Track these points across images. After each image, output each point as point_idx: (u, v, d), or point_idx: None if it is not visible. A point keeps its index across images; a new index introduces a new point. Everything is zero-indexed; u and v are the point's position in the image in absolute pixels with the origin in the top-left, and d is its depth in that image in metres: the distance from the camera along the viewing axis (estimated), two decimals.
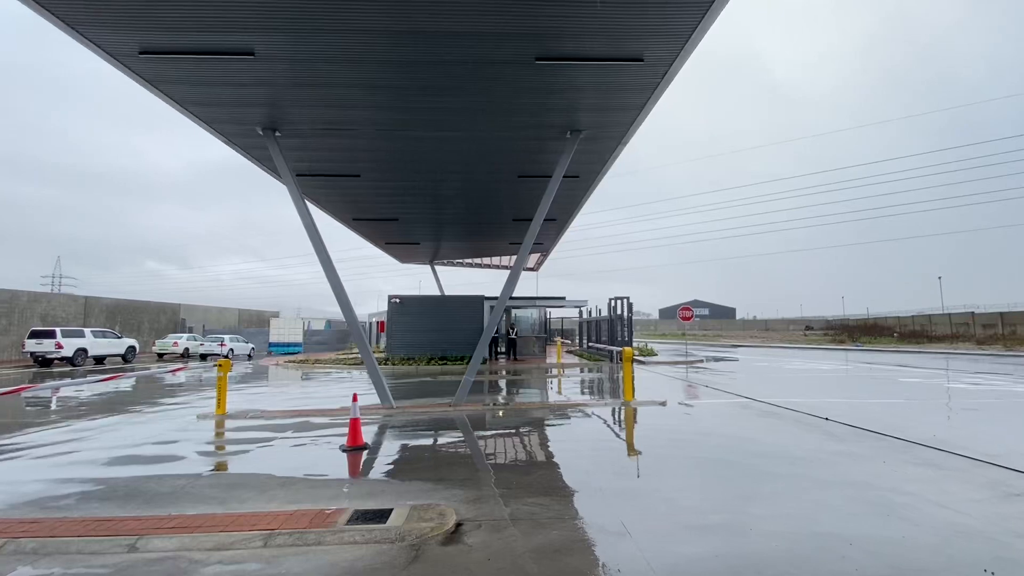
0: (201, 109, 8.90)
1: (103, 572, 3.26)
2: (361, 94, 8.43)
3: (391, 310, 21.51)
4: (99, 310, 28.18)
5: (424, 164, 11.88)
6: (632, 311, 19.74)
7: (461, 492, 4.80)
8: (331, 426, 8.19)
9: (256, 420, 8.73)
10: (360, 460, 6.18)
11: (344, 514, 4.05)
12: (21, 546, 3.60)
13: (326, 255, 10.04)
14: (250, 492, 4.80)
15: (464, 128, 9.80)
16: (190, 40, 6.78)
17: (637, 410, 9.50)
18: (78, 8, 6.11)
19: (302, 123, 9.50)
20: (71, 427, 8.35)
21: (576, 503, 4.56)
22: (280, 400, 11.56)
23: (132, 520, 4.01)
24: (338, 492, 4.85)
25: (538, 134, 10.06)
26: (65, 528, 3.86)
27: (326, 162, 11.63)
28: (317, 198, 14.55)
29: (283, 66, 7.50)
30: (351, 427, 6.66)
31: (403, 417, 8.98)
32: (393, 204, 15.63)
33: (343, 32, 6.65)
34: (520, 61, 7.38)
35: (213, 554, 3.47)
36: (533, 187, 13.34)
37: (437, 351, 20.76)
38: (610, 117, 9.32)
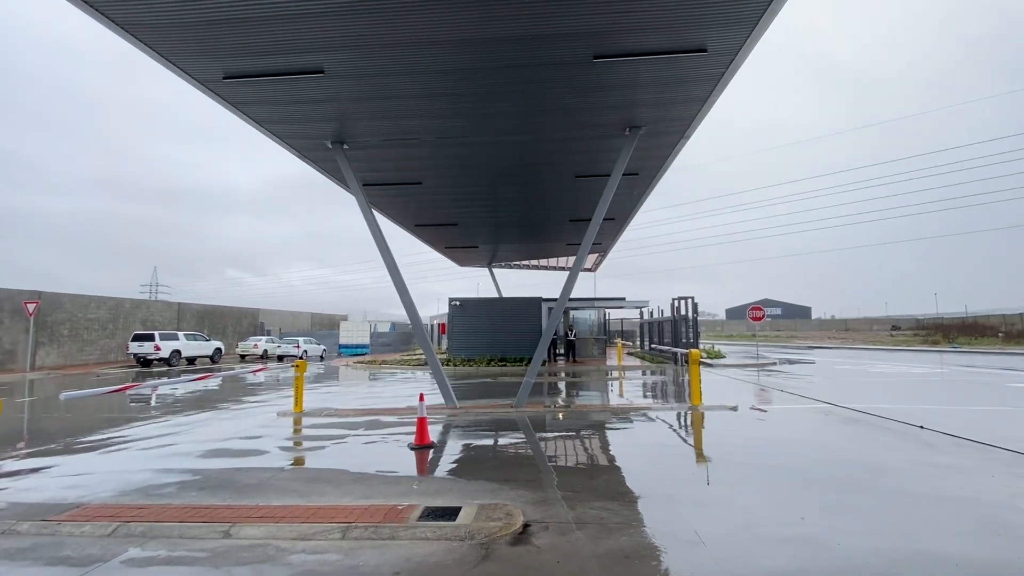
0: (277, 127, 9.54)
1: (202, 556, 3.56)
2: (421, 104, 8.69)
3: (451, 312, 21.98)
4: (190, 315, 30.82)
5: (482, 169, 12.07)
6: (697, 311, 19.01)
7: (526, 493, 4.81)
8: (399, 424, 8.49)
9: (330, 418, 9.21)
10: (427, 458, 6.36)
11: (415, 510, 4.17)
12: (131, 530, 4.00)
13: (392, 260, 10.43)
14: (327, 486, 5.07)
15: (520, 131, 9.86)
16: (267, 63, 7.28)
17: (705, 415, 9.12)
18: (172, 41, 6.72)
19: (367, 135, 9.94)
20: (169, 422, 9.18)
21: (644, 509, 4.44)
22: (351, 399, 12.12)
23: (225, 508, 4.35)
24: (408, 489, 5.01)
25: (595, 133, 9.94)
26: (168, 514, 4.25)
27: (390, 171, 12.09)
28: (382, 206, 15.15)
29: (349, 82, 7.88)
30: (418, 426, 6.87)
31: (466, 417, 9.14)
32: (453, 209, 15.99)
33: (404, 45, 6.88)
34: (577, 61, 7.33)
35: (297, 543, 3.69)
36: (591, 187, 13.19)
37: (496, 352, 20.98)
38: (671, 111, 9.04)
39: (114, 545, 3.76)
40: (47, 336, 22.31)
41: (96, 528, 4.00)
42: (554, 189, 13.90)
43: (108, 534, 3.93)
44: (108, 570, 3.36)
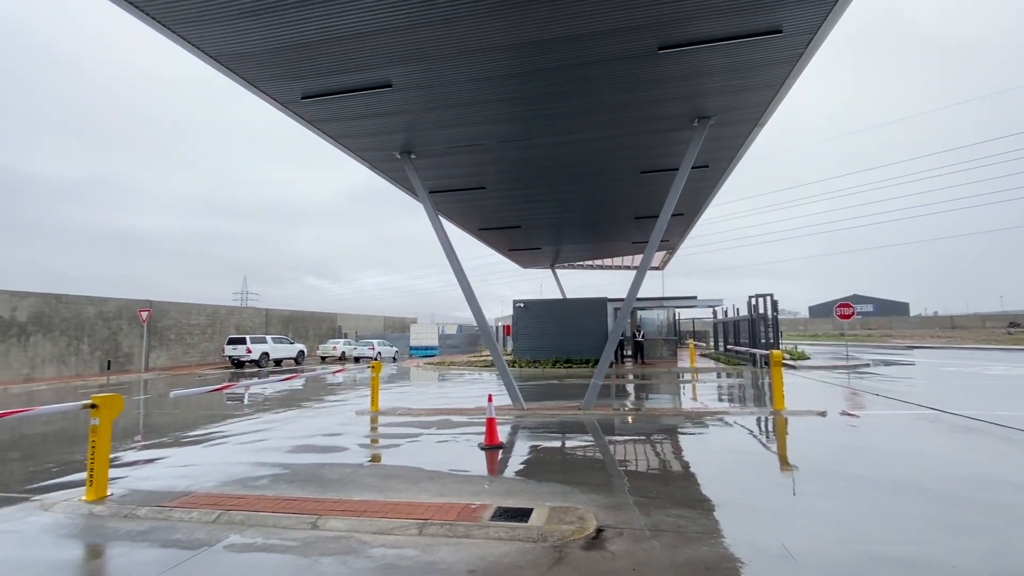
0: (350, 141, 10.08)
1: (293, 544, 3.81)
2: (483, 110, 8.84)
3: (516, 314, 22.14)
4: (276, 320, 33.27)
5: (544, 170, 12.07)
6: (777, 309, 17.86)
7: (598, 497, 4.73)
8: (469, 424, 8.65)
9: (404, 417, 9.57)
10: (497, 458, 6.43)
11: (488, 510, 4.23)
12: (232, 518, 4.36)
13: (458, 264, 10.68)
14: (404, 483, 5.26)
15: (583, 130, 9.75)
16: (340, 81, 7.72)
17: (789, 420, 8.54)
18: (256, 68, 7.30)
19: (432, 144, 10.25)
20: (260, 419, 9.94)
21: (724, 518, 4.22)
22: (422, 399, 12.53)
23: (312, 501, 4.63)
24: (480, 488, 5.08)
25: (662, 126, 9.62)
26: (263, 504, 4.59)
27: (455, 177, 12.39)
28: (448, 211, 15.56)
29: (415, 93, 8.16)
30: (488, 426, 6.97)
31: (533, 419, 9.15)
32: (515, 211, 16.11)
33: (465, 53, 7.03)
34: (641, 54, 7.14)
35: (377, 537, 3.86)
36: (657, 182, 12.79)
37: (561, 354, 20.86)
38: (743, 99, 8.57)
39: (217, 531, 4.12)
40: (157, 340, 24.95)
41: (202, 515, 4.40)
42: (618, 186, 13.62)
43: (212, 521, 4.31)
44: (213, 554, 3.68)
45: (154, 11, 6.02)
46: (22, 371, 19.36)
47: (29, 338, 19.65)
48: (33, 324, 19.82)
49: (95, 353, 22.06)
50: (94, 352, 22.02)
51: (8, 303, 19.10)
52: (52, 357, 20.41)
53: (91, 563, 3.70)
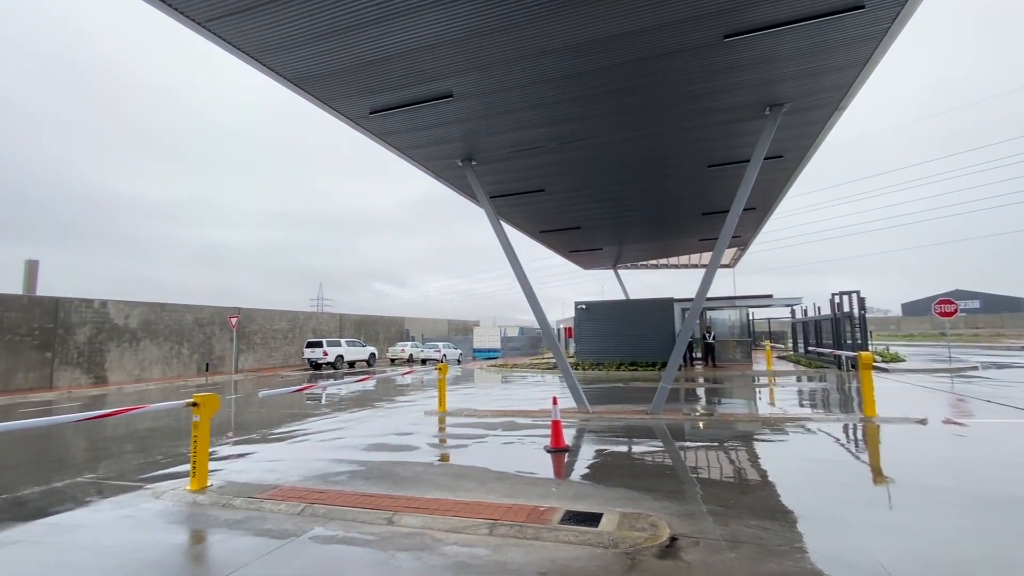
0: (415, 151, 10.46)
1: (371, 539, 3.99)
2: (541, 113, 8.85)
3: (578, 316, 21.93)
4: (349, 324, 35.07)
5: (605, 169, 11.89)
6: (864, 307, 16.48)
7: (670, 505, 4.58)
8: (533, 426, 8.67)
9: (470, 418, 9.75)
10: (563, 461, 6.39)
11: (556, 513, 4.22)
12: (315, 511, 4.64)
13: (519, 267, 10.76)
14: (472, 483, 5.36)
15: (644, 126, 9.51)
16: (404, 94, 8.03)
17: (882, 428, 7.84)
18: (328, 87, 7.76)
19: (492, 149, 10.41)
20: (336, 418, 10.50)
21: (810, 531, 3.94)
22: (487, 400, 12.71)
23: (387, 498, 4.83)
24: (547, 491, 5.08)
25: (729, 117, 9.19)
26: (343, 499, 4.85)
27: (514, 181, 12.50)
28: (508, 215, 15.73)
29: (474, 101, 8.33)
30: (553, 429, 6.95)
31: (599, 422, 9.01)
32: (576, 212, 15.98)
33: (523, 58, 7.08)
34: (705, 44, 6.87)
35: (450, 535, 3.96)
36: (726, 176, 12.23)
37: (626, 356, 20.40)
38: (821, 82, 8.01)
39: (303, 523, 4.40)
40: (245, 344, 27.07)
41: (289, 507, 4.72)
42: (684, 182, 13.15)
43: (298, 513, 4.61)
44: (300, 544, 3.94)
45: (241, 43, 6.57)
46: (133, 372, 21.69)
47: (139, 343, 21.99)
48: (142, 330, 22.17)
49: (193, 356, 24.30)
50: (192, 355, 24.27)
51: (122, 312, 21.49)
52: (158, 360, 22.71)
53: (196, 547, 4.07)
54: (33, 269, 23.62)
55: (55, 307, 19.19)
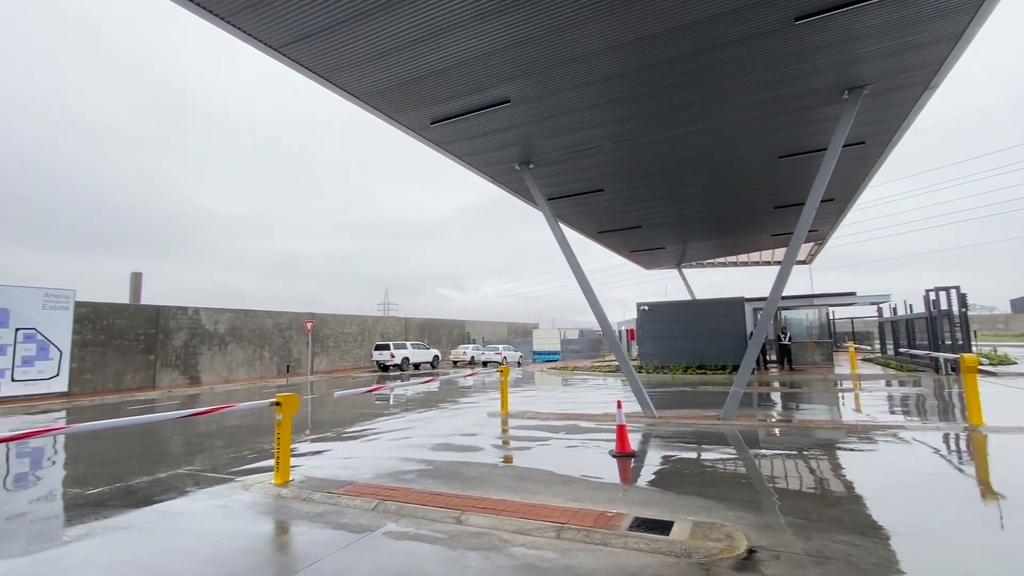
0: (474, 158, 10.66)
1: (441, 536, 4.09)
2: (598, 113, 8.74)
3: (640, 317, 21.38)
4: (414, 327, 36.26)
5: (666, 166, 11.54)
6: (966, 304, 14.89)
7: (746, 515, 4.35)
8: (597, 430, 8.55)
9: (532, 420, 9.77)
10: (630, 467, 6.25)
11: (624, 519, 4.13)
12: (387, 507, 4.82)
13: (579, 268, 10.66)
14: (538, 486, 5.36)
15: (707, 119, 9.13)
16: (463, 103, 8.22)
17: (990, 438, 7.04)
18: (392, 101, 8.09)
19: (549, 152, 10.40)
20: (404, 418, 10.87)
21: (908, 550, 3.60)
22: (549, 403, 12.68)
23: (455, 497, 4.94)
24: (614, 496, 4.98)
25: (802, 104, 8.63)
26: (413, 497, 5.01)
27: (572, 183, 12.42)
28: (566, 217, 15.64)
29: (531, 105, 8.37)
30: (618, 434, 6.82)
31: (666, 427, 8.73)
32: (636, 212, 15.62)
33: (578, 59, 7.03)
34: (773, 29, 6.50)
35: (517, 536, 3.98)
36: (799, 167, 11.50)
37: (693, 359, 19.64)
38: (907, 60, 7.35)
39: (376, 518, 4.58)
40: (319, 347, 28.67)
41: (363, 503, 4.94)
42: (752, 175, 12.50)
43: (371, 508, 4.82)
44: (375, 539, 4.11)
45: (312, 64, 7.00)
46: (222, 373, 23.59)
47: (227, 346, 23.89)
48: (229, 335, 24.07)
49: (273, 358, 26.06)
50: (272, 358, 26.03)
51: (212, 318, 23.45)
52: (243, 362, 24.56)
53: (281, 537, 4.36)
54: (138, 280, 26.33)
55: (156, 315, 21.27)
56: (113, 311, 19.87)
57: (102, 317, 19.38)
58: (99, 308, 19.37)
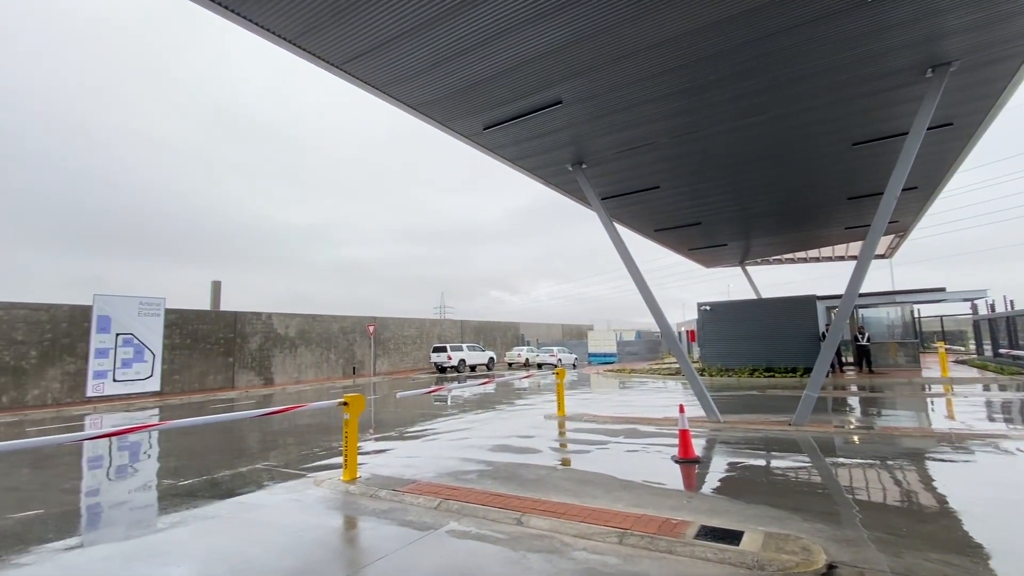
0: (526, 161, 10.71)
1: (502, 537, 4.13)
2: (653, 108, 8.52)
3: (702, 318, 20.61)
4: (469, 330, 36.85)
5: (726, 159, 11.07)
6: None
7: (824, 528, 4.08)
8: (658, 435, 8.32)
9: (590, 423, 9.66)
10: (694, 473, 6.03)
11: (690, 527, 3.99)
12: (449, 506, 4.92)
13: (635, 269, 10.44)
14: (598, 490, 5.29)
15: (771, 108, 8.68)
16: (515, 107, 8.27)
17: None
18: (446, 109, 8.28)
19: (602, 151, 10.26)
20: (462, 419, 11.05)
21: (1013, 574, 3.24)
22: (606, 406, 12.48)
23: (515, 499, 4.97)
24: (679, 503, 4.83)
25: (879, 86, 8.02)
26: (473, 497, 5.09)
27: (626, 181, 12.19)
28: (621, 216, 15.37)
29: (584, 105, 8.30)
30: (681, 438, 6.60)
31: (733, 433, 8.36)
32: (694, 208, 15.09)
33: (632, 55, 6.89)
34: (845, 8, 6.08)
35: (578, 540, 3.95)
36: (877, 153, 10.69)
37: (759, 361, 18.68)
38: (1000, 31, 6.65)
39: (439, 517, 4.69)
40: (381, 349, 29.76)
41: (426, 501, 5.07)
42: (822, 165, 11.74)
43: (434, 507, 4.94)
44: (438, 536, 4.21)
45: (370, 79, 7.30)
46: (293, 375, 25.00)
47: (296, 349, 25.31)
48: (299, 338, 25.49)
49: (339, 360, 27.33)
50: (338, 359, 27.30)
51: (283, 322, 24.93)
52: (311, 364, 25.92)
53: (350, 531, 4.56)
54: (217, 288, 28.48)
55: (234, 320, 22.89)
56: (197, 317, 21.58)
57: (188, 323, 21.10)
58: (185, 315, 21.10)
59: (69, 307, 17.71)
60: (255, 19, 5.96)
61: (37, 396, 16.62)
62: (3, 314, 16.23)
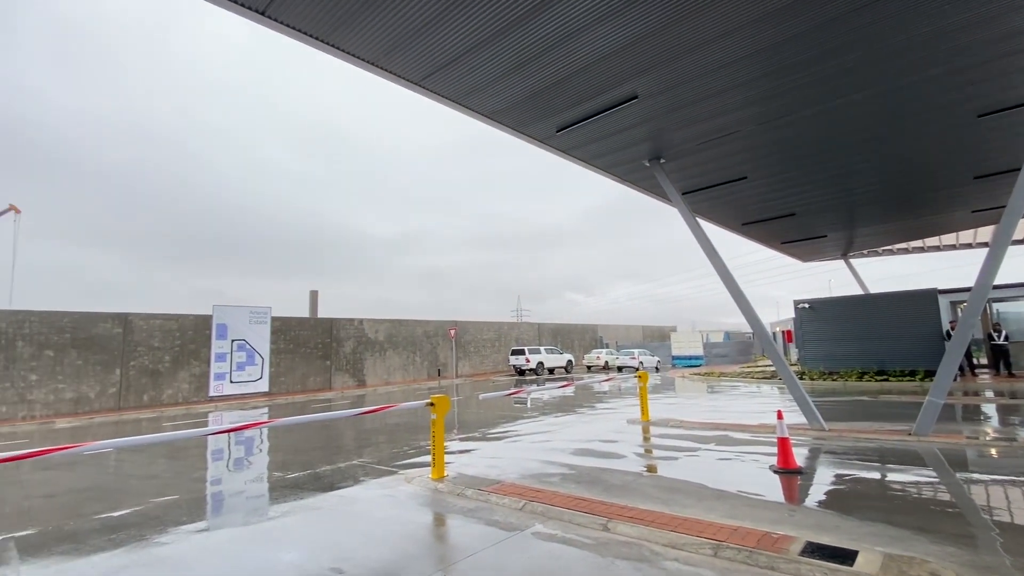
0: (600, 160, 10.54)
1: (588, 542, 4.07)
2: (737, 94, 8.03)
3: (800, 316, 19.05)
4: (546, 332, 36.88)
5: (825, 143, 10.16)
6: None
7: (956, 551, 3.59)
8: (753, 443, 7.79)
9: (676, 429, 9.26)
10: (796, 484, 5.57)
11: (794, 543, 3.69)
12: (534, 508, 4.94)
13: (722, 266, 9.88)
14: (688, 499, 5.05)
15: (877, 81, 7.83)
16: (588, 107, 8.18)
17: None
18: (519, 115, 8.37)
19: (682, 143, 9.83)
20: (543, 421, 11.06)
21: None
22: (694, 411, 11.91)
23: (600, 504, 4.88)
24: (780, 517, 4.48)
25: (1009, 47, 6.96)
26: (557, 500, 5.07)
27: (709, 173, 11.59)
28: (703, 210, 14.63)
29: (660, 99, 8.01)
30: (780, 447, 6.13)
31: (840, 442, 7.62)
32: (788, 198, 13.98)
33: (713, 40, 6.54)
34: None
35: (669, 550, 3.79)
36: (1010, 124, 9.29)
37: (869, 363, 16.89)
38: None
39: (524, 518, 4.73)
40: (462, 352, 30.64)
41: (511, 502, 5.13)
42: (941, 141, 10.40)
43: (519, 508, 4.98)
44: (524, 538, 4.24)
45: (446, 92, 7.58)
46: (382, 376, 26.46)
47: (385, 352, 26.77)
48: (387, 342, 26.95)
49: (423, 363, 28.52)
50: (423, 362, 28.50)
51: (373, 327, 26.49)
52: (398, 366, 27.29)
53: (439, 528, 4.72)
54: (315, 297, 30.91)
55: (330, 326, 24.69)
56: (298, 324, 23.54)
57: (290, 329, 23.08)
58: (287, 322, 23.10)
59: (194, 317, 20.05)
60: (343, 46, 6.41)
61: (170, 395, 18.99)
62: (144, 324, 18.74)
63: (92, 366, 17.33)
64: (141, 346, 18.49)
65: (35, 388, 16.16)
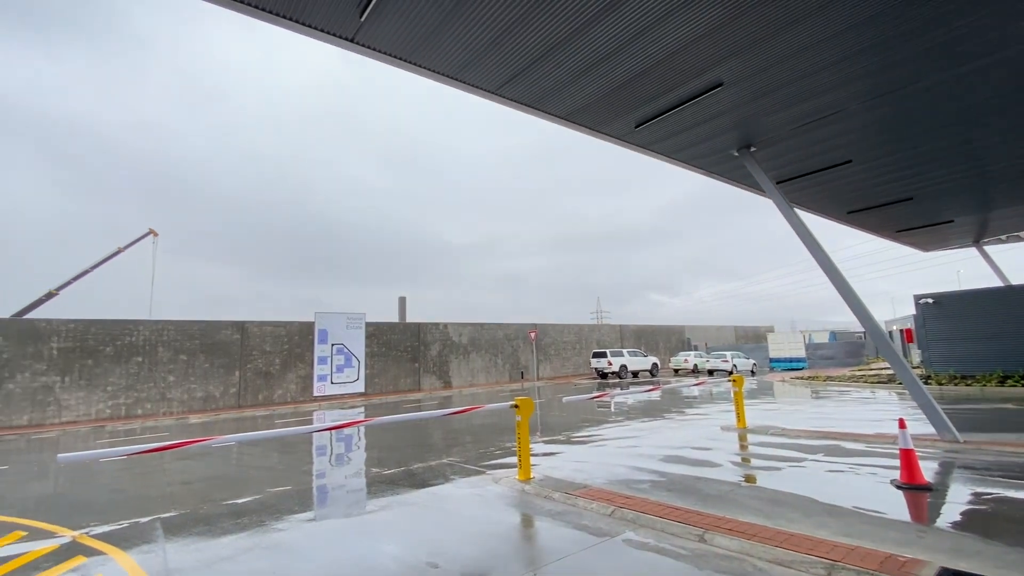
0: (682, 153, 10.10)
1: (684, 553, 3.89)
2: (837, 72, 7.32)
3: (922, 313, 16.92)
4: (629, 334, 35.91)
5: (947, 117, 8.96)
6: None
7: None
8: (868, 454, 7.03)
9: (777, 437, 8.60)
10: (924, 502, 4.95)
11: (925, 567, 3.27)
12: (624, 515, 4.81)
13: (827, 259, 9.05)
14: (794, 513, 4.66)
15: (998, 47, 6.78)
16: (669, 99, 7.88)
17: None
18: (595, 113, 8.26)
19: (774, 129, 9.15)
20: (629, 426, 10.76)
21: None
22: (797, 418, 10.99)
23: (695, 513, 4.65)
24: (906, 537, 3.99)
25: None
26: (649, 508, 4.90)
27: (807, 159, 10.67)
28: (801, 200, 13.49)
29: (748, 83, 7.52)
30: (904, 459, 5.48)
31: (978, 456, 6.66)
32: (902, 181, 12.49)
33: (806, 17, 6.03)
34: None
35: (775, 567, 3.52)
36: None
37: (1013, 366, 14.58)
38: None
39: (614, 525, 4.62)
40: (542, 355, 30.72)
41: (600, 507, 5.04)
42: None
43: (608, 514, 4.88)
44: (614, 544, 4.15)
45: (523, 99, 7.68)
46: (466, 378, 27.24)
47: (469, 355, 27.54)
48: (470, 345, 27.71)
49: (505, 365, 28.96)
50: (504, 364, 28.95)
51: (457, 331, 27.37)
52: (481, 368, 27.93)
53: (527, 529, 4.75)
54: (403, 303, 32.59)
55: (418, 330, 25.88)
56: (389, 328, 24.92)
57: (382, 333, 24.49)
58: (380, 327, 24.53)
59: (299, 323, 21.94)
60: (424, 64, 6.72)
61: (280, 395, 20.91)
62: (257, 331, 20.83)
63: (216, 368, 19.57)
64: (255, 350, 20.56)
65: (173, 388, 18.56)
